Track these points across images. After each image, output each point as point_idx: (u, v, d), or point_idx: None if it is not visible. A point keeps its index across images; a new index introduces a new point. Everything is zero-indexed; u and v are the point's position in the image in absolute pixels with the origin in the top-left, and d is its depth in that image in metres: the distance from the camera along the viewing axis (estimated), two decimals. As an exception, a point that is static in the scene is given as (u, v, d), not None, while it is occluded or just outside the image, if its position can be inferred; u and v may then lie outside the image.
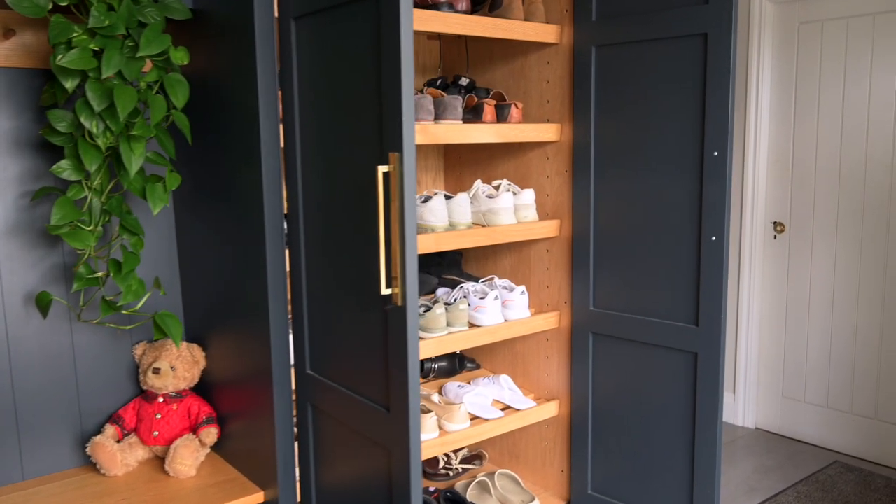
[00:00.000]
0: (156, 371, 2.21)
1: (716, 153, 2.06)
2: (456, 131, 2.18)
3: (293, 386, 2.04)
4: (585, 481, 2.52)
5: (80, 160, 1.90)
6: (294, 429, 2.06)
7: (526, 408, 2.52)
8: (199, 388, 2.36)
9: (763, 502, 3.17)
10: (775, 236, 3.86)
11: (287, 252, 1.99)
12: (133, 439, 2.24)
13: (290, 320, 2.05)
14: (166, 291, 2.37)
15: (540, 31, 2.36)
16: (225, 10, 1.93)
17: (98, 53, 1.83)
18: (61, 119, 1.88)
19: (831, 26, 3.53)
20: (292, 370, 2.03)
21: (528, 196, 2.44)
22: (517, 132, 2.33)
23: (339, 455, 1.90)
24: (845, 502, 3.15)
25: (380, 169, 1.50)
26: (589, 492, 2.51)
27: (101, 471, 2.18)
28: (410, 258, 1.50)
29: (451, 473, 2.79)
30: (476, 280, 2.70)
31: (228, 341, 2.17)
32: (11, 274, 2.11)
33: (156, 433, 2.23)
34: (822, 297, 3.70)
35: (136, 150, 1.88)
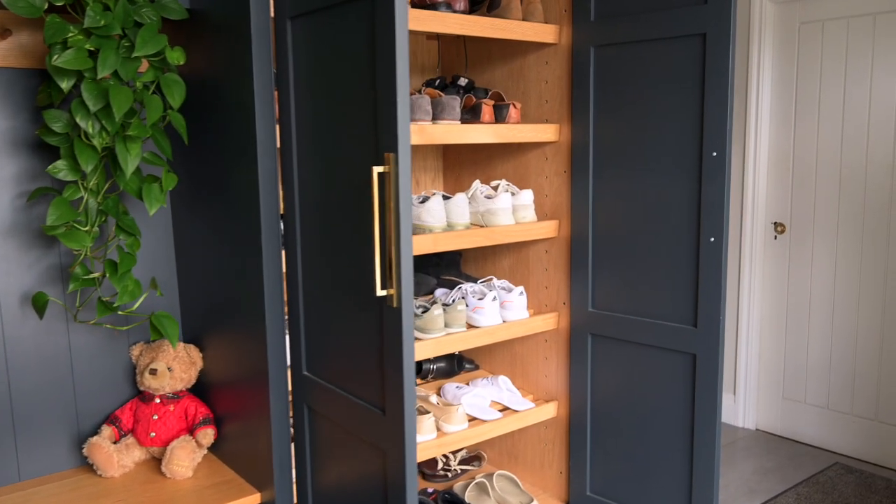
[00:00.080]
0: (153, 372, 2.21)
1: (714, 153, 2.05)
2: (454, 132, 2.18)
3: (290, 387, 2.03)
4: (584, 483, 2.51)
5: (76, 160, 1.90)
6: (291, 430, 2.05)
7: (524, 409, 2.51)
8: (197, 389, 2.35)
9: (763, 504, 3.17)
10: (776, 237, 3.85)
11: (283, 253, 1.98)
12: (130, 440, 2.23)
13: (287, 321, 2.04)
14: (164, 292, 2.36)
15: (538, 31, 2.35)
16: (221, 10, 1.92)
17: (94, 53, 1.82)
18: (57, 119, 1.87)
19: (832, 26, 3.52)
20: (289, 371, 2.03)
21: (527, 197, 2.44)
22: (515, 132, 2.33)
23: (335, 457, 1.89)
24: (845, 504, 3.14)
25: (375, 169, 1.49)
26: (588, 493, 2.51)
27: (98, 472, 2.17)
28: (406, 259, 1.50)
29: (450, 474, 2.78)
30: (475, 281, 2.69)
31: (225, 342, 2.17)
32: (8, 275, 2.11)
33: (152, 434, 2.22)
34: (823, 298, 3.69)
35: (132, 151, 1.88)
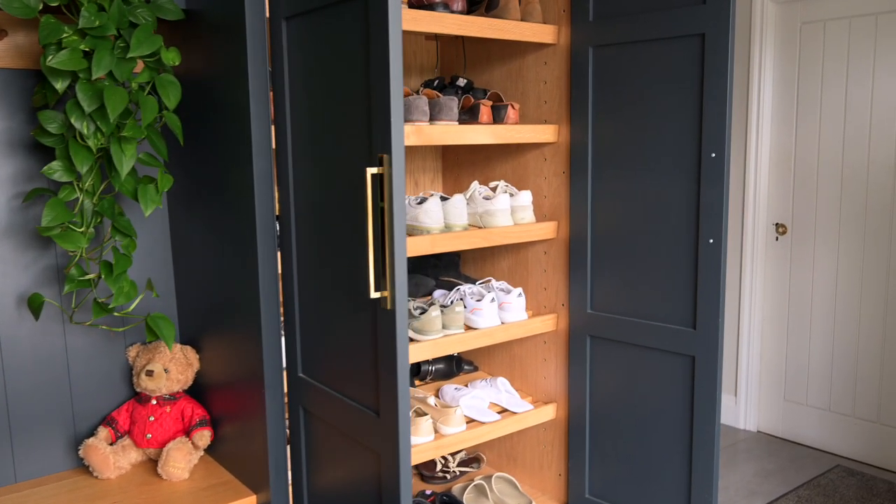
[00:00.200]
0: (149, 373, 2.20)
1: (713, 155, 2.04)
2: (451, 132, 2.17)
3: (286, 389, 2.03)
4: (583, 485, 2.50)
5: (72, 161, 1.89)
6: (287, 432, 2.04)
7: (523, 411, 2.50)
8: (194, 391, 2.35)
9: (763, 506, 3.15)
10: (777, 238, 3.83)
11: (279, 254, 1.98)
12: (126, 442, 2.23)
13: (283, 323, 2.04)
14: (161, 293, 2.36)
15: (537, 32, 2.34)
16: (216, 11, 1.91)
17: (88, 54, 1.82)
18: (52, 120, 1.87)
19: (833, 26, 3.50)
20: (285, 373, 2.02)
21: (525, 198, 2.43)
22: (514, 133, 2.32)
23: (331, 459, 1.88)
24: (847, 507, 3.12)
25: (368, 171, 1.48)
26: (587, 496, 2.49)
27: (94, 473, 2.17)
28: (399, 261, 1.49)
29: (449, 476, 2.77)
30: (473, 282, 2.68)
31: (222, 343, 2.16)
32: (4, 276, 2.10)
33: (149, 436, 2.22)
34: (825, 300, 3.67)
35: (127, 152, 1.87)
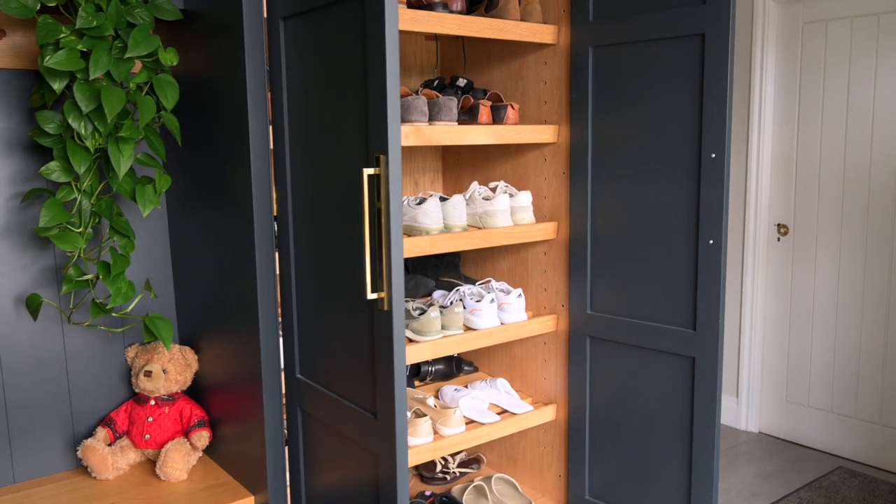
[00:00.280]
0: (147, 374, 2.20)
1: (713, 155, 2.03)
2: (450, 133, 2.16)
3: (283, 390, 2.02)
4: (583, 486, 2.49)
5: (69, 162, 1.89)
6: (285, 433, 2.04)
7: (523, 412, 2.49)
8: (193, 391, 2.34)
9: (765, 508, 3.14)
10: (779, 239, 3.82)
11: (277, 254, 1.97)
12: (125, 442, 2.22)
13: (280, 323, 2.03)
14: (160, 293, 2.35)
15: (536, 32, 2.33)
16: (214, 11, 1.91)
17: (86, 54, 1.81)
18: (50, 120, 1.87)
19: (835, 26, 3.49)
20: (283, 374, 2.01)
21: (525, 198, 2.42)
22: (513, 133, 2.31)
23: (329, 460, 1.88)
24: (848, 508, 3.11)
25: (365, 171, 1.48)
26: (586, 497, 2.49)
27: (93, 474, 2.17)
28: (396, 262, 1.48)
29: (449, 477, 2.77)
30: (473, 282, 2.68)
31: (220, 344, 2.16)
32: (2, 276, 2.10)
33: (147, 436, 2.21)
34: (826, 301, 3.66)
35: (125, 152, 1.87)
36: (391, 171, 1.45)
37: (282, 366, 2.01)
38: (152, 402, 2.23)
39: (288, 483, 2.05)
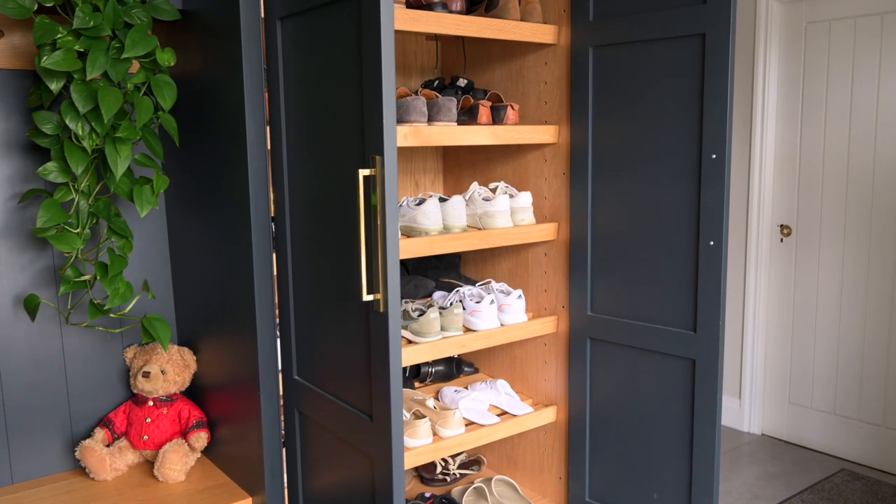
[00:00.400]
0: (146, 375, 2.19)
1: (714, 156, 2.02)
2: (450, 133, 2.15)
3: (281, 391, 2.02)
4: (583, 488, 2.48)
5: (67, 162, 1.89)
6: (282, 434, 2.03)
7: (523, 413, 2.48)
8: (192, 392, 2.34)
9: (767, 510, 3.12)
10: (782, 240, 3.80)
11: (274, 255, 1.96)
12: (123, 443, 2.22)
13: (278, 324, 2.03)
14: (159, 294, 2.35)
15: (536, 32, 2.32)
16: (212, 11, 1.90)
17: (83, 55, 1.81)
18: (47, 121, 1.86)
19: (839, 26, 3.47)
20: (280, 375, 2.01)
21: (525, 199, 2.41)
22: (513, 134, 2.30)
23: (326, 462, 1.87)
24: (851, 511, 3.09)
25: (361, 172, 1.47)
26: (587, 499, 2.48)
27: (91, 475, 2.16)
28: (392, 264, 1.47)
29: (449, 479, 2.76)
30: (473, 283, 2.67)
31: (218, 345, 2.15)
32: (1, 277, 2.10)
33: (145, 437, 2.21)
34: (830, 302, 3.64)
35: (122, 153, 1.86)
36: (387, 172, 1.44)
37: (279, 367, 2.00)
38: (151, 403, 2.23)
39: (285, 484, 2.05)
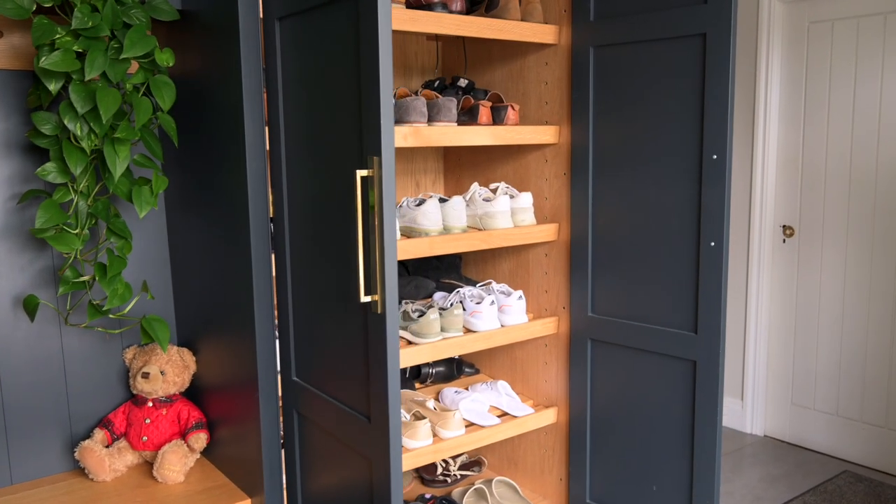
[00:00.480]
0: (145, 375, 2.19)
1: (715, 156, 2.01)
2: (450, 133, 2.14)
3: (280, 392, 2.01)
4: (584, 489, 2.47)
5: (66, 163, 1.88)
6: (281, 435, 2.03)
7: (523, 415, 2.47)
8: (191, 393, 2.34)
9: (769, 512, 3.11)
10: (784, 240, 3.79)
11: (273, 256, 1.96)
12: (122, 444, 2.22)
13: (276, 325, 2.02)
14: (158, 295, 2.35)
15: (537, 32, 2.31)
16: (210, 11, 1.90)
17: (82, 55, 1.81)
18: (46, 121, 1.86)
19: (841, 26, 3.46)
20: (279, 376, 2.00)
21: (526, 199, 2.40)
22: (513, 134, 2.29)
23: (324, 463, 1.86)
24: (854, 513, 3.08)
25: (358, 173, 1.46)
26: (587, 500, 2.47)
27: (90, 476, 2.16)
28: (390, 265, 1.46)
29: (449, 480, 2.75)
30: (474, 284, 2.66)
31: (218, 346, 2.15)
32: (0, 277, 2.10)
33: (145, 438, 2.20)
34: (832, 303, 3.63)
35: (121, 153, 1.86)
36: (384, 173, 1.43)
37: (278, 368, 2.00)
38: (150, 404, 2.23)
39: (284, 485, 2.04)
